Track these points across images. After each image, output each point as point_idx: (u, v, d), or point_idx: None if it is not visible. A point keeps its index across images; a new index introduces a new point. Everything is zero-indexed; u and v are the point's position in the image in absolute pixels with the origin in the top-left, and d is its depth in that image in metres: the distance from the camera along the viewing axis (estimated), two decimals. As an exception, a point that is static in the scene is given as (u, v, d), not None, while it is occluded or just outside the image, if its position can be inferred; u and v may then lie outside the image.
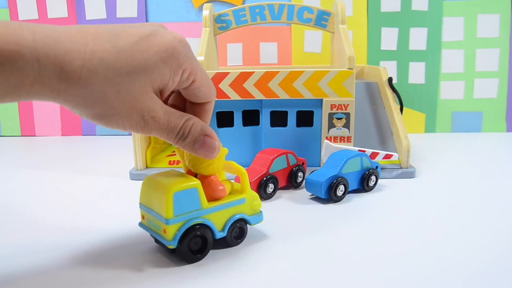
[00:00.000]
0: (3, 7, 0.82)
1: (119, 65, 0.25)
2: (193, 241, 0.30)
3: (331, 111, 0.52)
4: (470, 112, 0.81)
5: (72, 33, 0.25)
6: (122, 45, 0.26)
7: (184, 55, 0.28)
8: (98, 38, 0.25)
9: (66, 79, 0.24)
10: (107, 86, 0.25)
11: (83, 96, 0.25)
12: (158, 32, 0.27)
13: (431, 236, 0.35)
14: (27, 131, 0.85)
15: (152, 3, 0.81)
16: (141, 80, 0.26)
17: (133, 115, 0.27)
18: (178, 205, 0.29)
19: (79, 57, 0.24)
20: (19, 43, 0.23)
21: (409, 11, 0.79)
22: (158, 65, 0.26)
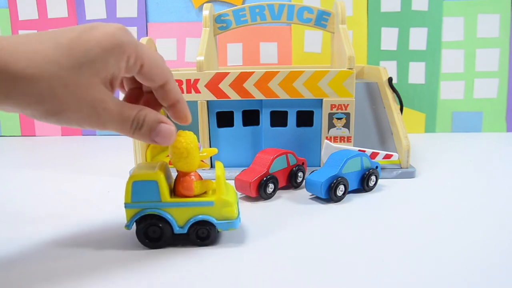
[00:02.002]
0: (3, 7, 0.82)
1: (63, 60, 0.26)
2: (150, 229, 0.33)
3: (331, 111, 0.52)
4: (470, 112, 0.81)
5: (19, 38, 0.26)
6: (64, 41, 0.26)
7: (127, 41, 0.28)
8: (41, 38, 0.26)
9: (13, 80, 0.25)
10: (54, 82, 0.25)
11: (32, 94, 0.25)
12: (98, 25, 0.28)
13: (431, 236, 0.35)
14: (27, 131, 0.85)
15: (152, 3, 0.81)
16: (86, 72, 0.26)
17: (84, 108, 0.27)
18: (137, 193, 0.32)
19: (23, 58, 0.25)
20: None
21: (409, 11, 0.79)
22: (100, 55, 0.27)
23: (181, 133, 0.33)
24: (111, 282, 0.29)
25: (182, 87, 0.52)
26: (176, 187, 0.34)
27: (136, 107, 0.30)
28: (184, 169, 0.33)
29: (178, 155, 0.33)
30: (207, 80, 0.51)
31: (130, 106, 0.29)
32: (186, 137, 0.33)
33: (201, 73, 0.51)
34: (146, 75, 0.30)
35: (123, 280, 0.29)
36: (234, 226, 0.34)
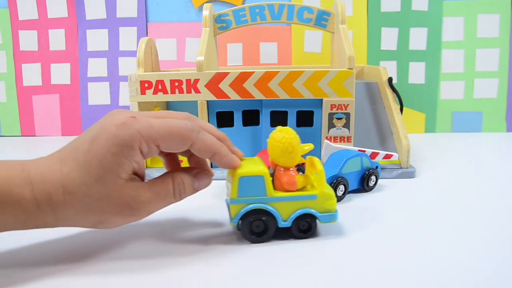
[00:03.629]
0: (3, 7, 0.82)
1: (86, 178, 0.28)
2: (254, 224, 0.33)
3: (331, 111, 0.52)
4: (470, 112, 0.81)
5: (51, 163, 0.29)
6: (80, 158, 0.28)
7: (130, 136, 0.29)
8: (67, 160, 0.29)
9: (57, 208, 0.28)
10: (87, 200, 0.28)
11: (75, 215, 0.29)
12: (102, 129, 0.29)
13: (431, 236, 0.35)
14: (27, 131, 0.85)
15: (152, 3, 0.81)
16: (109, 180, 0.28)
17: (123, 210, 0.29)
18: (243, 188, 0.33)
19: (60, 186, 0.28)
20: (23, 186, 0.28)
21: (409, 11, 0.79)
22: (114, 161, 0.28)
23: (282, 129, 0.34)
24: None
25: (182, 87, 0.52)
26: (275, 182, 0.34)
27: (167, 178, 0.31)
28: (287, 164, 0.34)
29: (282, 150, 0.33)
30: (207, 80, 0.51)
31: (161, 181, 0.31)
32: (289, 133, 0.34)
33: (201, 73, 0.51)
34: (167, 149, 0.31)
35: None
36: (334, 218, 0.35)
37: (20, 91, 0.84)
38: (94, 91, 0.83)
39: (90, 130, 0.30)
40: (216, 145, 0.32)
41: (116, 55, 0.83)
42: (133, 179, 0.30)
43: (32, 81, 0.84)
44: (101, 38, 0.82)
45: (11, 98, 0.84)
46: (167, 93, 0.52)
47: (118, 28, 0.82)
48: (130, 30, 0.82)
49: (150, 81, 0.52)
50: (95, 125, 0.30)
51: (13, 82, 0.84)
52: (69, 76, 0.83)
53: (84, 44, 0.83)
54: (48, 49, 0.83)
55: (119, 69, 0.83)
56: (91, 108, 0.84)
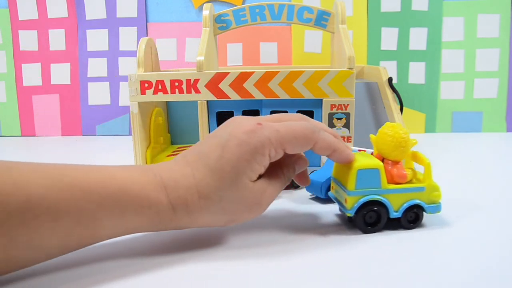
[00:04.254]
0: (3, 7, 0.82)
1: (220, 184, 0.30)
2: (368, 215, 0.35)
3: (331, 111, 0.52)
4: (470, 112, 0.81)
5: (182, 169, 0.31)
6: (213, 164, 0.30)
7: (261, 143, 0.31)
8: (197, 166, 0.31)
9: (193, 212, 0.30)
10: (222, 203, 0.30)
11: (210, 218, 0.31)
12: (231, 136, 0.31)
13: (431, 236, 0.35)
14: (27, 131, 0.85)
15: (152, 3, 0.81)
16: (240, 184, 0.30)
17: (253, 208, 0.32)
18: (360, 180, 0.34)
19: (195, 191, 0.30)
20: (158, 191, 0.29)
21: (409, 11, 0.79)
22: (246, 166, 0.30)
23: (393, 124, 0.36)
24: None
25: (182, 87, 0.52)
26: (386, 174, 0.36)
27: (277, 169, 0.34)
28: (398, 158, 0.36)
29: (396, 144, 0.35)
30: (207, 80, 0.51)
31: (274, 174, 0.33)
32: (401, 128, 0.36)
33: (201, 73, 0.51)
34: (292, 152, 0.33)
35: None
36: (439, 209, 0.37)
37: (20, 91, 0.84)
38: (94, 91, 0.83)
39: (216, 136, 0.32)
40: (335, 143, 0.34)
41: (116, 55, 0.83)
42: (256, 178, 0.32)
43: (32, 81, 0.84)
44: (101, 38, 0.82)
45: (11, 98, 0.84)
46: (167, 93, 0.52)
47: (118, 28, 0.82)
48: (130, 30, 0.82)
49: (150, 81, 0.52)
50: (220, 131, 0.32)
51: (13, 82, 0.84)
52: (69, 76, 0.83)
53: (84, 44, 0.83)
54: (48, 49, 0.83)
55: (119, 69, 0.83)
56: (91, 108, 0.84)
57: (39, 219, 0.26)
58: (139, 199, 0.29)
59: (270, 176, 0.33)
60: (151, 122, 0.57)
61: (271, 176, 0.33)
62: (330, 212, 0.41)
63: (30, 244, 0.26)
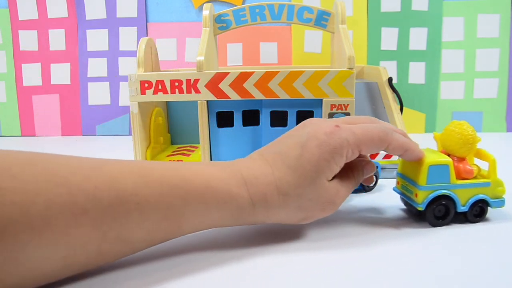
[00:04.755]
0: (3, 7, 0.82)
1: (300, 181, 0.31)
2: (437, 208, 0.37)
3: (331, 111, 0.52)
4: (470, 112, 0.81)
5: (261, 167, 0.32)
6: (293, 163, 0.32)
7: (340, 143, 0.32)
8: (276, 164, 0.32)
9: (272, 208, 0.31)
10: (300, 200, 0.32)
11: (286, 214, 0.32)
12: (311, 136, 0.32)
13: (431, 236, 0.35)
14: (27, 131, 0.85)
15: (152, 3, 0.81)
16: (318, 182, 0.32)
17: (327, 207, 0.33)
18: (431, 176, 0.36)
19: (274, 188, 0.31)
20: (239, 187, 0.31)
21: (409, 11, 0.79)
22: (325, 165, 0.32)
23: (461, 122, 0.38)
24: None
25: (182, 87, 0.52)
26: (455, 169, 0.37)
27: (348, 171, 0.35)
28: (464, 155, 0.38)
29: (464, 142, 0.37)
30: (207, 80, 0.51)
31: (345, 175, 0.35)
32: (469, 126, 0.37)
33: (201, 73, 0.51)
34: (366, 153, 0.35)
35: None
36: (503, 204, 0.38)
37: (20, 91, 0.84)
38: (94, 91, 0.83)
39: (293, 136, 0.33)
40: (407, 143, 0.35)
41: (116, 55, 0.83)
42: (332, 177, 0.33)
43: (32, 81, 0.84)
44: (101, 38, 0.82)
45: (11, 98, 0.84)
46: (167, 93, 0.52)
47: (118, 28, 0.82)
48: (130, 30, 0.82)
49: (150, 81, 0.52)
50: (297, 132, 0.34)
51: (13, 82, 0.84)
52: (69, 76, 0.83)
53: (84, 44, 0.83)
54: (48, 49, 0.83)
55: (119, 69, 0.83)
56: (91, 108, 0.84)
57: (129, 214, 0.27)
58: (222, 194, 0.30)
59: (342, 177, 0.34)
60: (151, 122, 0.57)
61: (343, 177, 0.34)
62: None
63: (120, 238, 0.27)
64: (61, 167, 0.27)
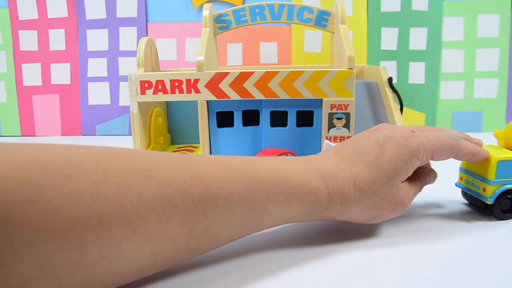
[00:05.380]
0: (3, 7, 0.82)
1: (377, 179, 0.32)
2: (504, 202, 0.38)
3: (331, 111, 0.52)
4: (470, 112, 0.81)
5: (338, 163, 0.33)
6: (371, 161, 0.33)
7: (417, 147, 0.33)
8: (353, 161, 0.33)
9: (347, 203, 0.32)
10: (375, 198, 0.32)
11: (359, 210, 0.32)
12: (389, 139, 0.34)
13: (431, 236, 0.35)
14: (27, 131, 0.85)
15: (152, 3, 0.81)
16: (394, 182, 0.33)
17: (397, 207, 0.34)
18: (500, 171, 0.37)
19: (351, 183, 0.32)
20: (318, 181, 0.31)
21: (409, 11, 0.79)
22: (403, 167, 0.33)
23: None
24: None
25: (182, 87, 0.52)
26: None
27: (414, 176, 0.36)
28: None
29: None
30: (207, 80, 0.51)
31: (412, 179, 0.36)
32: None
33: (201, 73, 0.51)
34: (437, 159, 0.36)
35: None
36: None
37: (20, 91, 0.84)
38: (94, 91, 0.83)
39: (370, 138, 0.34)
40: (474, 148, 0.37)
41: (116, 55, 0.83)
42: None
43: (32, 81, 0.84)
44: (101, 38, 0.82)
45: (11, 98, 0.84)
46: (167, 93, 0.52)
47: (118, 28, 0.82)
48: (130, 30, 0.82)
49: (150, 81, 0.52)
50: (372, 134, 0.35)
51: (13, 82, 0.84)
52: (69, 76, 0.83)
53: (84, 44, 0.83)
54: (48, 49, 0.83)
55: (119, 69, 0.83)
56: (91, 108, 0.84)
57: (217, 208, 0.27)
58: (302, 187, 0.30)
59: (411, 181, 0.35)
60: (151, 122, 0.57)
61: (411, 181, 0.35)
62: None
63: (207, 233, 0.27)
64: (146, 160, 0.26)
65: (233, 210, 0.28)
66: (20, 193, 0.21)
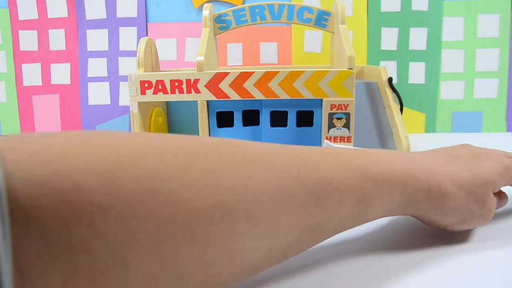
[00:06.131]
0: (3, 7, 0.82)
1: (475, 180, 0.32)
2: None
3: (331, 111, 0.52)
4: (470, 112, 0.81)
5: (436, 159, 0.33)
6: (468, 165, 0.33)
7: (510, 166, 0.35)
8: (450, 161, 0.33)
9: (444, 196, 0.31)
10: (469, 197, 0.32)
11: (452, 208, 0.32)
12: (481, 153, 0.35)
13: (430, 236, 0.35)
14: (27, 131, 0.85)
15: (152, 3, 0.81)
16: (489, 189, 0.33)
17: (486, 213, 0.34)
18: None
19: (449, 179, 0.31)
20: (418, 170, 0.30)
21: (409, 11, 0.79)
22: (497, 177, 0.34)
23: None
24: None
25: (182, 87, 0.52)
26: None
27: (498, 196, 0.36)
28: None
29: None
30: (207, 80, 0.51)
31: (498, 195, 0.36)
32: None
33: (201, 73, 0.51)
34: None
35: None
36: None
37: (20, 91, 0.84)
38: (94, 91, 0.83)
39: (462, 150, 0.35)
40: None
41: (116, 55, 0.83)
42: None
43: (32, 81, 0.84)
44: (101, 38, 0.82)
45: (11, 98, 0.84)
46: (167, 93, 0.52)
47: (118, 28, 0.82)
48: (130, 30, 0.82)
49: (150, 81, 0.52)
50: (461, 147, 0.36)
51: (13, 82, 0.84)
52: (69, 76, 0.83)
53: (84, 44, 0.83)
54: (48, 49, 0.83)
55: (119, 69, 0.83)
56: (91, 108, 0.84)
57: (329, 199, 0.26)
58: (404, 177, 0.29)
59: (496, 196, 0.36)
60: (151, 122, 0.57)
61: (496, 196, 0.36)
62: None
63: (319, 226, 0.26)
64: (256, 148, 0.24)
65: (343, 201, 0.26)
66: (142, 183, 0.19)
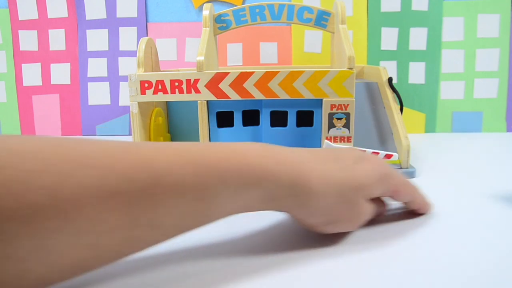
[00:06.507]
0: (3, 7, 0.82)
1: (348, 182, 0.32)
2: None
3: (331, 111, 0.52)
4: (470, 112, 0.81)
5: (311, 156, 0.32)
6: (344, 166, 0.33)
7: (390, 173, 0.35)
8: (327, 160, 0.33)
9: (310, 193, 0.30)
10: (339, 198, 0.31)
11: (320, 207, 0.31)
12: (365, 159, 0.35)
13: (431, 236, 0.35)
14: (27, 131, 0.85)
15: (152, 3, 0.81)
16: (361, 193, 0.33)
17: (354, 220, 0.34)
18: None
19: (319, 176, 0.31)
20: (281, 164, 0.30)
21: (409, 11, 0.79)
22: (375, 183, 0.33)
23: None
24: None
25: (182, 87, 0.52)
26: None
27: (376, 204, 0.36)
28: None
29: None
30: (207, 80, 0.51)
31: (378, 203, 0.37)
32: None
33: (201, 73, 0.51)
34: (395, 198, 0.37)
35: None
36: None
37: (20, 91, 0.84)
38: (94, 91, 0.83)
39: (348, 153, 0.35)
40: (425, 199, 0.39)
41: (116, 55, 0.83)
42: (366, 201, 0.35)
43: (32, 81, 0.84)
44: (101, 38, 0.82)
45: (11, 98, 0.84)
46: (167, 93, 0.52)
47: (118, 28, 0.82)
48: (130, 30, 0.82)
49: (150, 81, 0.52)
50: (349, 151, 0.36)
51: (13, 82, 0.84)
52: (69, 76, 0.84)
53: (84, 44, 0.83)
54: (48, 49, 0.83)
55: (119, 69, 0.83)
56: (91, 108, 0.84)
57: (164, 195, 0.26)
58: (260, 172, 0.29)
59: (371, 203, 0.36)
60: (151, 122, 0.57)
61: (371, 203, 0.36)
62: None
63: (152, 223, 0.26)
64: (93, 148, 0.25)
65: (182, 198, 0.26)
66: None
